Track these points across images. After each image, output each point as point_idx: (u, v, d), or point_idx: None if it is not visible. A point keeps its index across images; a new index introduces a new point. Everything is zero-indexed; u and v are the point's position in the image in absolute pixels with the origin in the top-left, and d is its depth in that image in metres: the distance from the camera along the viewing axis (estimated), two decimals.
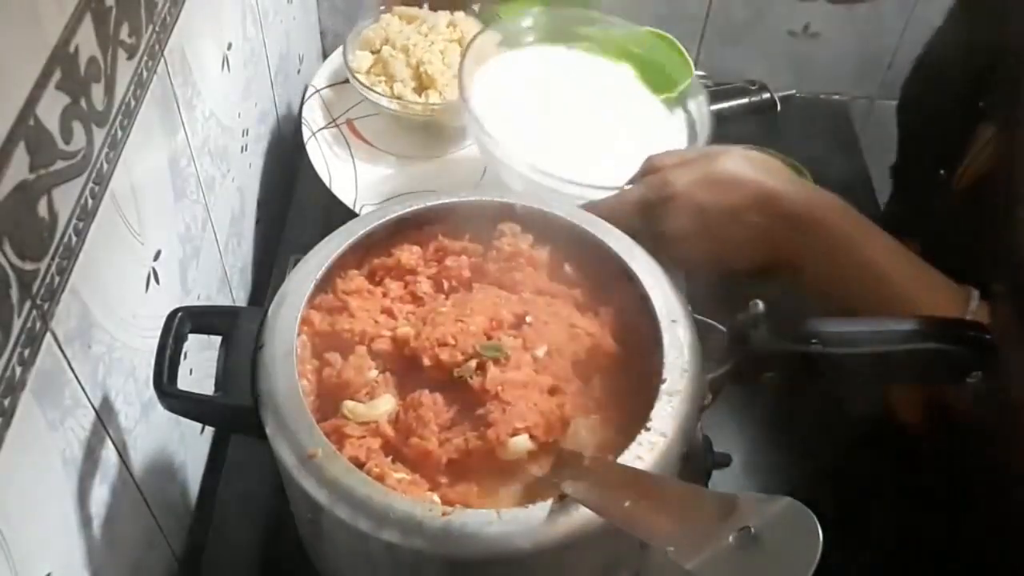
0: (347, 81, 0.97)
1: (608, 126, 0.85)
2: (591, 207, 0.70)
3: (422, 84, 0.89)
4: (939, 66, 0.80)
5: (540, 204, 0.64)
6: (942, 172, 0.74)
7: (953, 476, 0.71)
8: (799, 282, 0.67)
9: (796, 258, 0.66)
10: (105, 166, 0.53)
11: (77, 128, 0.49)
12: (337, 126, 0.94)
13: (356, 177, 0.89)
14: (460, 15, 0.95)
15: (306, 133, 0.92)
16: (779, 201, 0.65)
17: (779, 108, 1.07)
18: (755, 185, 0.66)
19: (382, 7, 0.99)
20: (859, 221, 0.66)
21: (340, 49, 1.00)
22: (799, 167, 0.95)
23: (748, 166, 0.67)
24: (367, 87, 0.89)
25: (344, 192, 0.87)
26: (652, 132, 0.85)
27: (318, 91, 0.96)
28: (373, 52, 0.93)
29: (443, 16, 0.95)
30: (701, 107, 0.84)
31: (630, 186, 0.71)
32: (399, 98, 0.88)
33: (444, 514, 0.48)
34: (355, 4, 1.15)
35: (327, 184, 0.88)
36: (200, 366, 0.72)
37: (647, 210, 0.67)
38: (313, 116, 0.94)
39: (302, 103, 1.06)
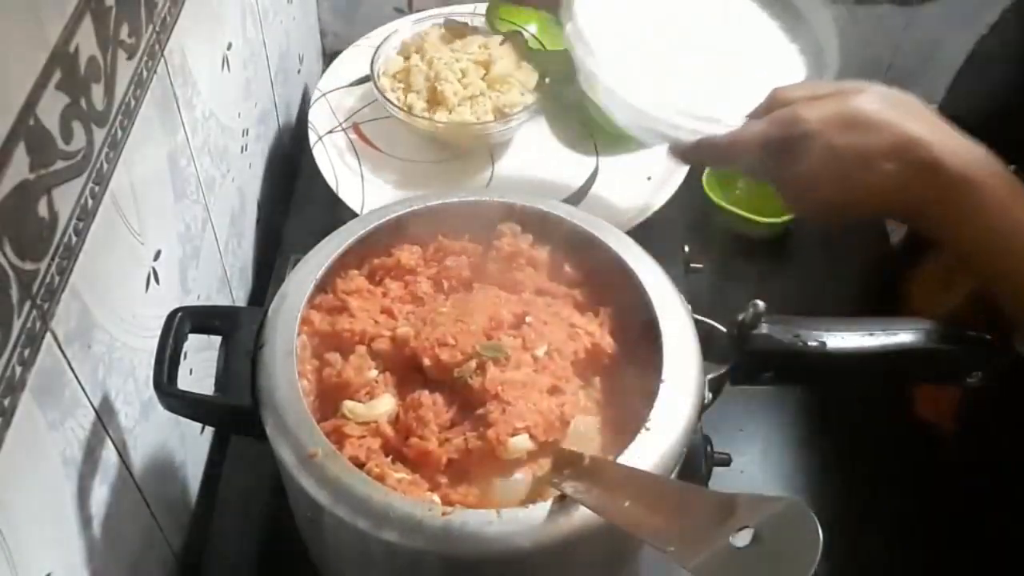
0: (353, 85, 0.97)
1: (723, 52, 0.75)
2: (707, 143, 0.66)
3: (435, 100, 0.89)
4: (1002, 64, 0.77)
5: (540, 204, 0.64)
6: (1012, 168, 0.72)
7: (989, 473, 0.70)
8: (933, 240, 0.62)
9: (935, 215, 0.59)
10: (105, 166, 0.53)
11: (77, 128, 0.49)
12: (344, 130, 0.94)
13: (363, 182, 0.89)
14: (495, 39, 0.93)
15: (312, 137, 0.92)
16: (921, 149, 0.58)
17: None
18: (896, 129, 0.59)
19: (409, 12, 0.97)
20: (1012, 181, 0.59)
21: (348, 51, 1.00)
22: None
23: (888, 107, 0.60)
24: (380, 90, 0.89)
25: (350, 196, 0.87)
26: (771, 61, 0.75)
27: (324, 95, 0.96)
28: (406, 59, 0.93)
29: (481, 37, 0.94)
30: (828, 33, 0.74)
31: (752, 120, 0.64)
32: (408, 109, 0.88)
33: (444, 514, 0.48)
34: (355, 4, 1.15)
35: (334, 188, 0.87)
36: (200, 366, 0.72)
37: (771, 149, 0.62)
38: (319, 120, 0.94)
39: (303, 104, 1.06)
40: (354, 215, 0.83)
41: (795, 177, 0.61)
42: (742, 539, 0.37)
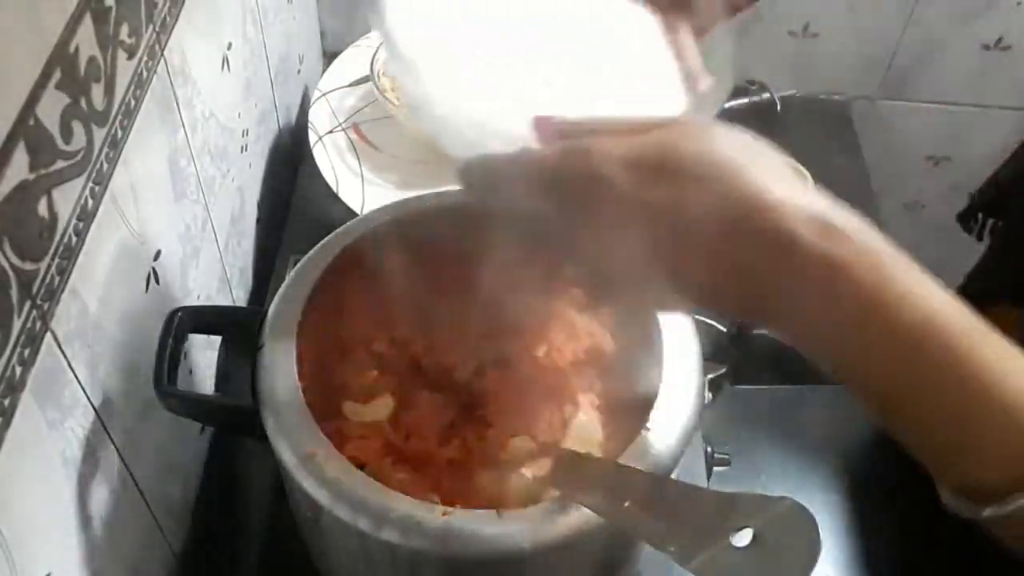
0: (353, 85, 0.97)
1: (586, 61, 0.53)
2: (484, 162, 0.47)
3: None
4: None
5: None
6: None
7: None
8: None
9: (782, 308, 0.40)
10: (105, 166, 0.53)
11: (77, 128, 0.49)
12: (344, 130, 0.94)
13: (363, 182, 0.89)
14: None
15: (312, 137, 0.92)
16: (768, 214, 0.39)
17: (779, 108, 1.07)
18: (729, 180, 0.39)
19: None
20: (908, 270, 0.38)
21: (348, 51, 1.00)
22: (799, 168, 0.95)
23: (730, 149, 0.41)
24: (380, 90, 0.89)
25: (350, 196, 0.87)
26: (645, 75, 0.54)
27: (324, 95, 0.96)
28: None
29: None
30: (722, 43, 0.57)
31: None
32: (408, 109, 0.88)
33: (444, 514, 0.48)
34: (355, 4, 1.15)
35: (334, 188, 0.87)
36: (200, 366, 0.72)
37: (555, 188, 0.43)
38: (319, 120, 0.94)
39: (303, 104, 1.06)
40: (354, 215, 0.83)
41: (599, 247, 0.43)
42: (742, 539, 0.37)
